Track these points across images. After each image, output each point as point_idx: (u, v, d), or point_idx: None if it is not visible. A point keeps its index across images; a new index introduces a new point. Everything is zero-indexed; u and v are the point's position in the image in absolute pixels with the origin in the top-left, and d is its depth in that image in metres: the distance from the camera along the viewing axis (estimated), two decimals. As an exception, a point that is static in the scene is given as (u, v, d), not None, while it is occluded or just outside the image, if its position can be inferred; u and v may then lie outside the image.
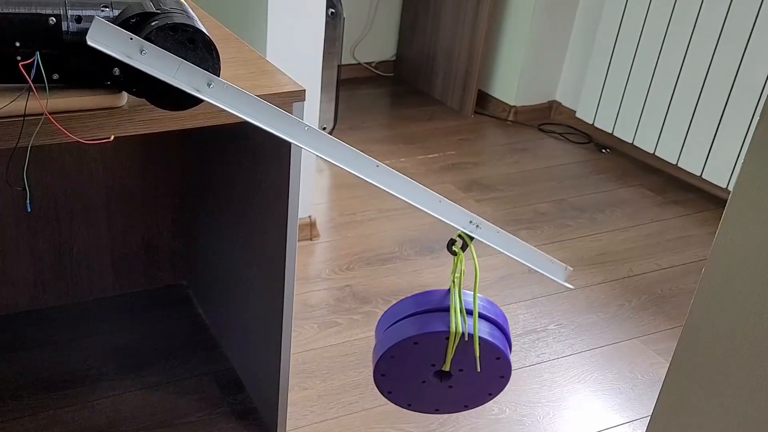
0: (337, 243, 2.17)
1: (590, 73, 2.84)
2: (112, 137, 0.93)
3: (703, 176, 2.49)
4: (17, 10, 0.89)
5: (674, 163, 2.58)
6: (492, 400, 0.98)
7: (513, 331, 1.85)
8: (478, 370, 0.89)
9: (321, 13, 1.85)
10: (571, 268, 0.96)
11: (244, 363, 1.57)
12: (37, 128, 0.89)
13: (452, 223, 0.88)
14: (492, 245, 0.90)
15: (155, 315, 1.75)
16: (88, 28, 0.90)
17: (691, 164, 2.52)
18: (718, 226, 0.76)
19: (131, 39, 0.81)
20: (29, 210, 1.58)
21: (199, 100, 0.91)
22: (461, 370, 0.90)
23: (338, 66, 2.62)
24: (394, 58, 3.50)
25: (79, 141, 0.90)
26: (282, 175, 1.17)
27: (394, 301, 0.92)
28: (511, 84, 3.06)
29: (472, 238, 0.88)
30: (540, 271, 0.94)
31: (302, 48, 1.86)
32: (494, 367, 0.90)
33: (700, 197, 2.55)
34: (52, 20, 0.90)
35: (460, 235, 0.88)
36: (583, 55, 2.94)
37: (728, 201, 0.75)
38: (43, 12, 0.90)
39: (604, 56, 2.76)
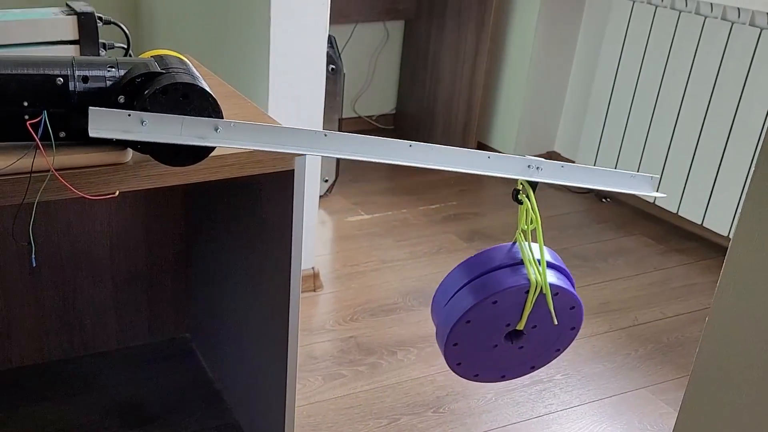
0: (340, 294, 2.16)
1: (588, 124, 2.87)
2: (117, 193, 0.94)
3: (704, 225, 2.49)
4: (27, 71, 0.92)
5: (675, 212, 2.59)
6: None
7: (519, 381, 1.83)
8: (555, 322, 0.85)
9: (322, 69, 1.89)
10: (657, 176, 0.88)
11: (249, 416, 1.55)
12: (44, 185, 0.90)
13: (510, 175, 0.82)
14: (560, 182, 0.83)
15: (159, 368, 1.74)
16: (94, 88, 0.93)
17: (691, 213, 2.53)
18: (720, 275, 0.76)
19: (129, 115, 0.83)
20: (34, 264, 1.59)
21: (204, 155, 0.92)
22: (534, 327, 0.86)
23: (339, 120, 2.66)
24: (394, 112, 3.55)
25: (84, 197, 0.91)
26: (285, 227, 1.18)
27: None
28: (510, 135, 3.10)
29: (533, 185, 0.83)
30: (624, 190, 0.86)
31: (304, 103, 1.90)
32: (567, 319, 0.86)
33: (701, 245, 2.55)
34: (60, 80, 0.92)
35: (522, 184, 0.83)
36: (580, 106, 2.98)
37: (728, 249, 0.75)
38: (51, 72, 0.92)
39: (601, 107, 2.80)
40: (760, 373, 0.74)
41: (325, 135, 0.84)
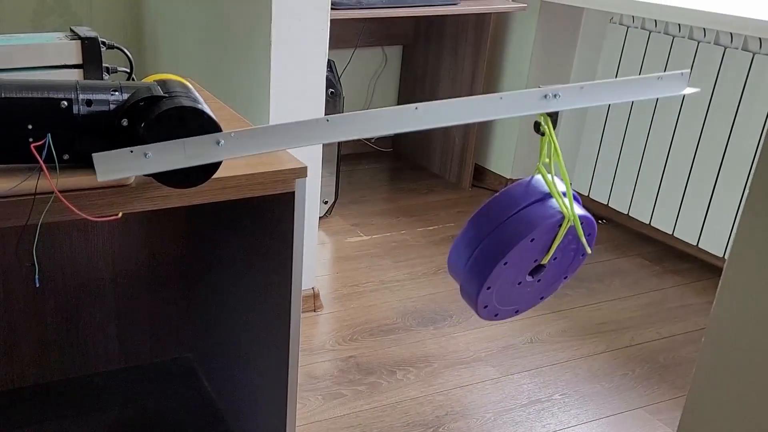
0: (340, 314, 2.17)
1: (583, 145, 2.90)
2: (120, 214, 0.96)
3: (699, 246, 2.51)
4: (31, 95, 0.94)
5: (670, 233, 2.61)
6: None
7: (517, 401, 1.84)
8: (589, 251, 0.85)
9: (321, 93, 1.92)
10: (687, 70, 0.84)
11: (246, 438, 1.55)
12: (47, 206, 0.91)
13: (528, 111, 0.79)
14: (582, 105, 0.80)
15: (161, 388, 1.74)
16: (98, 111, 0.95)
17: (686, 234, 2.55)
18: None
19: (132, 152, 0.84)
20: (38, 285, 1.60)
21: (213, 171, 0.94)
22: (555, 259, 0.85)
23: (338, 142, 2.69)
24: (392, 135, 3.58)
25: (87, 219, 0.93)
26: (286, 247, 1.20)
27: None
28: (507, 157, 3.12)
29: (553, 118, 0.80)
30: (656, 95, 0.80)
31: (303, 126, 1.92)
32: (582, 246, 0.86)
33: (697, 266, 2.57)
34: (64, 104, 0.94)
35: (542, 116, 0.81)
36: (575, 128, 3.01)
37: (723, 270, 0.76)
38: (55, 96, 0.94)
39: (597, 130, 2.83)
40: (756, 392, 0.75)
41: (327, 120, 0.81)
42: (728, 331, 0.76)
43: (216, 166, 0.94)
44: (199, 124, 0.92)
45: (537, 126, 0.82)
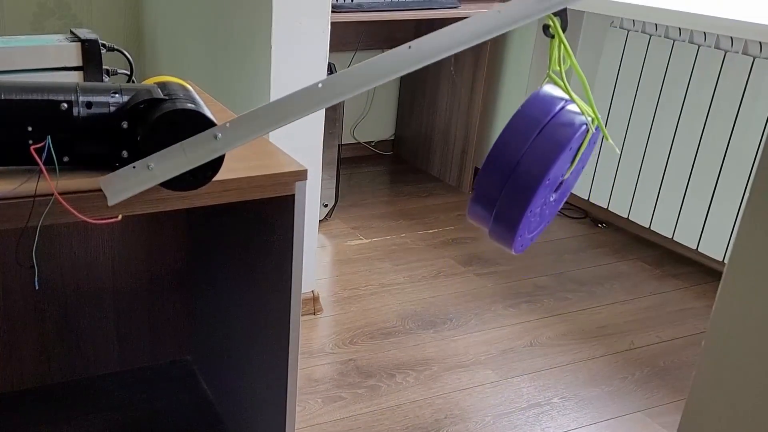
0: (340, 317, 2.17)
1: (585, 148, 2.90)
2: (120, 216, 0.96)
3: (699, 250, 2.51)
4: (31, 97, 0.94)
5: (670, 237, 2.60)
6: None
7: (517, 404, 1.84)
8: (618, 151, 0.82)
9: (321, 95, 1.92)
10: None
11: (246, 441, 1.55)
12: (47, 208, 0.91)
13: (530, 17, 0.75)
14: None
15: (160, 391, 1.74)
16: (98, 113, 0.95)
17: (686, 238, 2.55)
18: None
19: (134, 167, 0.85)
20: (37, 287, 1.60)
21: (218, 166, 0.94)
22: (572, 172, 0.82)
23: (339, 145, 2.69)
24: (392, 138, 3.58)
25: (87, 221, 0.93)
26: (286, 250, 1.20)
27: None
28: (508, 160, 3.12)
29: (558, 15, 0.77)
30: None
31: (304, 128, 1.92)
32: (587, 152, 0.82)
33: (697, 270, 2.57)
34: (64, 106, 0.94)
35: (549, 17, 0.78)
36: (577, 131, 3.01)
37: (723, 275, 0.76)
38: (55, 98, 0.94)
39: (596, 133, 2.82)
40: (756, 396, 0.75)
41: (320, 85, 0.78)
42: (728, 335, 0.76)
43: (220, 161, 0.94)
44: (200, 126, 0.92)
45: (546, 29, 0.79)
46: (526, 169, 0.78)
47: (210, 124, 0.93)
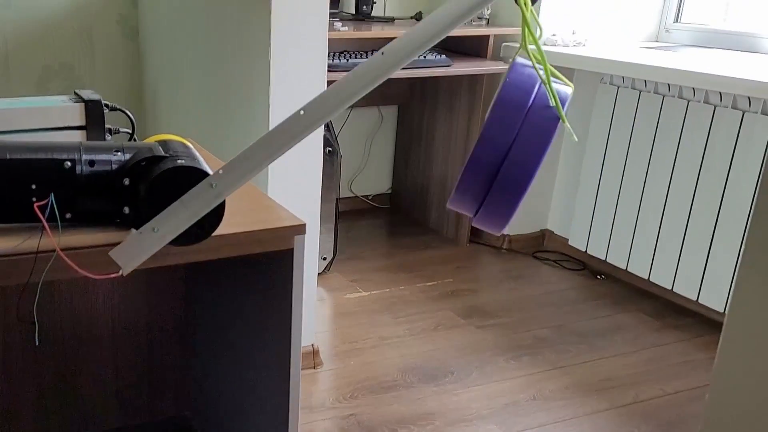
0: (340, 371, 2.16)
1: (579, 202, 2.93)
2: (121, 272, 0.96)
3: (699, 301, 2.51)
4: (36, 156, 0.95)
5: (669, 288, 2.60)
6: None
7: (518, 461, 1.81)
8: (571, 133, 0.81)
9: (318, 151, 1.95)
10: None
11: (244, 501, 1.52)
12: (49, 264, 0.92)
13: None
14: None
15: (154, 452, 1.72)
16: (100, 171, 0.97)
17: (686, 289, 2.55)
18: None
19: (140, 233, 0.86)
20: (38, 343, 1.59)
21: (206, 234, 0.95)
22: None
23: (336, 199, 2.71)
24: (389, 191, 3.61)
25: (88, 276, 0.93)
26: (285, 304, 1.20)
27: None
28: (505, 213, 3.14)
29: None
30: None
31: (302, 184, 1.94)
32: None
33: (698, 321, 2.56)
34: (68, 164, 0.95)
35: None
36: (571, 185, 3.04)
37: (724, 326, 0.76)
38: (59, 157, 0.96)
39: (591, 186, 2.86)
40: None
41: (302, 112, 0.80)
42: (731, 388, 0.75)
43: (222, 207, 0.96)
44: (199, 180, 0.94)
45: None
46: (517, 160, 0.78)
47: (171, 168, 0.94)
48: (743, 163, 2.32)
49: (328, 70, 1.91)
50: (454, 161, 3.16)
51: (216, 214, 0.95)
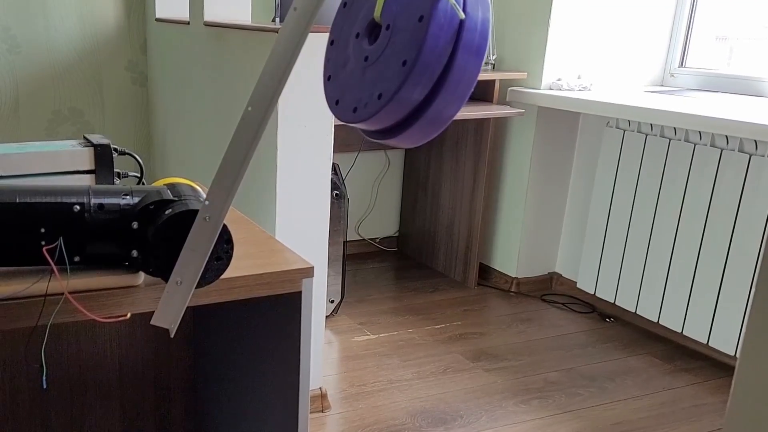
0: (348, 414, 2.13)
1: (587, 245, 2.92)
2: (129, 315, 0.96)
3: (709, 344, 2.48)
4: (45, 200, 0.96)
5: (679, 331, 2.58)
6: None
7: None
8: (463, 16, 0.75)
9: (326, 195, 1.96)
10: None
11: None
12: (57, 307, 0.92)
13: None
14: None
15: (157, 500, 1.69)
16: (109, 215, 0.97)
17: (696, 332, 2.52)
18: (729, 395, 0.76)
19: (168, 292, 0.88)
20: (45, 386, 1.58)
21: (229, 254, 0.96)
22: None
23: (344, 242, 2.71)
24: (397, 234, 3.61)
25: (96, 320, 0.93)
26: (293, 347, 1.20)
27: None
28: (511, 257, 3.14)
29: None
30: None
31: (309, 227, 1.95)
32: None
33: (709, 365, 2.53)
34: (77, 208, 0.96)
35: None
36: (579, 228, 3.04)
37: (736, 369, 0.76)
38: (68, 201, 0.96)
39: (599, 228, 2.85)
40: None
41: (249, 108, 0.82)
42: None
43: (227, 232, 0.96)
44: (187, 217, 0.94)
45: None
46: (460, 65, 0.74)
47: (173, 213, 0.95)
48: (751, 206, 2.32)
49: (336, 114, 1.93)
50: (462, 206, 3.17)
51: (223, 240, 0.96)
